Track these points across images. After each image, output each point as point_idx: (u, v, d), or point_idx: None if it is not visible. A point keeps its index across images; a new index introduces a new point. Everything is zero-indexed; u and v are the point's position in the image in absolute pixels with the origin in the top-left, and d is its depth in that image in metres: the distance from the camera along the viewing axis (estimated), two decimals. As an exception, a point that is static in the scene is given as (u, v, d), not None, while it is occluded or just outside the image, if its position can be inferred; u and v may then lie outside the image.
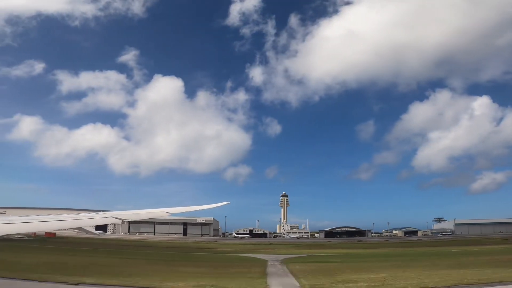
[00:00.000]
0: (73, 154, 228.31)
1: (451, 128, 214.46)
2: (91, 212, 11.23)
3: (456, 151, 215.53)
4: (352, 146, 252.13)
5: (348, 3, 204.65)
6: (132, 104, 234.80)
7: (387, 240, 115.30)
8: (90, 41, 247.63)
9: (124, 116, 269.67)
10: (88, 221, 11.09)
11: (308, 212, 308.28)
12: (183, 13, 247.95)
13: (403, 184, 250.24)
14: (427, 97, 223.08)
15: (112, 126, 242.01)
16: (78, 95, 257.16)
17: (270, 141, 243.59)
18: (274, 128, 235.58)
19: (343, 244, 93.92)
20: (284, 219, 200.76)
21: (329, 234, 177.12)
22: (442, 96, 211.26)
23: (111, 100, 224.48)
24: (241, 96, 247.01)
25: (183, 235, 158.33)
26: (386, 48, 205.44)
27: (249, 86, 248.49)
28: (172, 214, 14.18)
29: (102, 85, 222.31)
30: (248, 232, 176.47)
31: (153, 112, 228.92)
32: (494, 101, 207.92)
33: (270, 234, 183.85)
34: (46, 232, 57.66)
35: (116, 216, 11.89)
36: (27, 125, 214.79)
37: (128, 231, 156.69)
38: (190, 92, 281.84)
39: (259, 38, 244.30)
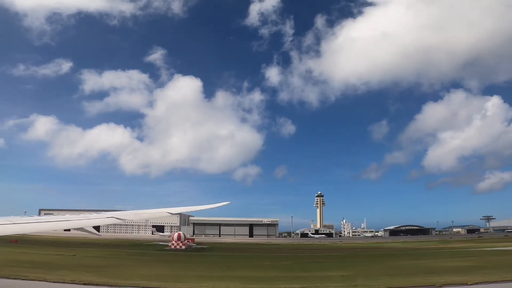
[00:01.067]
0: (85, 155, 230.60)
1: (464, 128, 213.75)
2: (92, 213, 11.45)
3: (467, 150, 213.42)
4: (363, 146, 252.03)
5: (372, 4, 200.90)
6: (150, 104, 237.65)
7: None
8: (122, 41, 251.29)
9: (142, 116, 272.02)
10: (89, 221, 11.32)
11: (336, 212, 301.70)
12: (206, 13, 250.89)
13: (411, 183, 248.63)
14: (441, 98, 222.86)
15: (126, 126, 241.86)
16: (101, 94, 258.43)
17: (283, 142, 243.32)
18: (288, 128, 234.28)
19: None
20: (320, 219, 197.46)
21: (393, 232, 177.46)
22: (457, 97, 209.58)
23: (131, 100, 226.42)
24: (257, 96, 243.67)
25: (249, 236, 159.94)
26: (414, 49, 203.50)
27: (265, 86, 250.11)
28: (172, 214, 14.34)
29: (124, 85, 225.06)
30: (314, 232, 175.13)
31: (169, 112, 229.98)
32: (505, 101, 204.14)
33: (336, 233, 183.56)
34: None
35: (117, 216, 12.10)
36: (42, 125, 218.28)
37: (193, 233, 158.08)
38: (207, 92, 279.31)
39: (277, 39, 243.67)
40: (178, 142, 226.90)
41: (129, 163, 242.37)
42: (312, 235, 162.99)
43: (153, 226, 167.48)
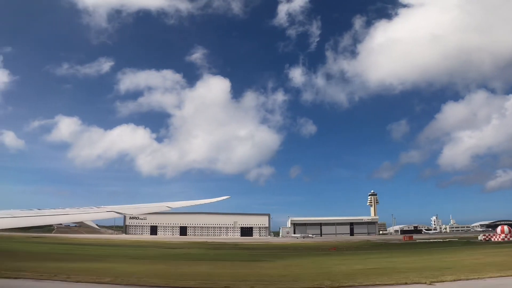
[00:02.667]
0: (104, 156, 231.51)
1: (482, 127, 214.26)
2: (92, 207, 11.44)
3: (481, 149, 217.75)
4: (381, 145, 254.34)
5: (408, 6, 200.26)
6: (178, 104, 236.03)
7: None
8: (171, 40, 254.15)
9: (168, 116, 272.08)
10: (89, 215, 11.31)
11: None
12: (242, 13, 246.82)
13: (423, 182, 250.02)
14: (462, 97, 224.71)
15: (147, 127, 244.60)
16: (135, 94, 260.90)
17: (303, 142, 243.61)
18: (309, 128, 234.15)
19: None
20: (375, 217, 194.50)
21: (491, 227, 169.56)
22: (478, 96, 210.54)
23: (162, 100, 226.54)
24: (280, 96, 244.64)
25: (350, 235, 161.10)
26: (454, 50, 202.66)
27: (289, 87, 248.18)
28: (172, 209, 14.35)
29: (158, 85, 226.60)
30: (412, 229, 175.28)
31: (193, 113, 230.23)
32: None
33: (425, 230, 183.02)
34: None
35: (117, 210, 12.08)
36: (66, 127, 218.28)
37: (294, 233, 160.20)
38: (234, 92, 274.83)
39: (303, 39, 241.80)
40: (198, 143, 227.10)
41: (146, 164, 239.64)
42: (426, 231, 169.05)
43: (241, 228, 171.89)
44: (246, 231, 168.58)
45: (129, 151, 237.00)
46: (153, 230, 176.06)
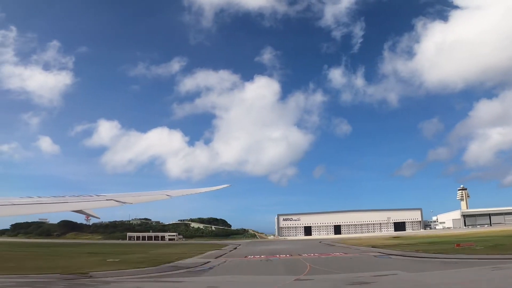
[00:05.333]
0: (136, 160, 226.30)
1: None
2: (92, 195, 11.14)
3: (507, 145, 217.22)
4: (411, 143, 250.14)
5: (458, 8, 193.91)
6: (224, 105, 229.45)
7: None
8: (242, 40, 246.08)
9: (214, 117, 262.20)
10: (89, 203, 10.99)
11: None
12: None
13: (445, 178, 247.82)
14: (496, 95, 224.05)
15: (180, 129, 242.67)
16: (193, 95, 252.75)
17: (338, 142, 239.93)
18: (344, 128, 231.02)
19: None
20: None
21: None
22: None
23: (216, 100, 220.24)
24: (319, 97, 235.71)
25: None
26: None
27: (328, 88, 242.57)
28: (172, 197, 14.11)
29: (214, 85, 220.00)
30: None
31: (234, 115, 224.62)
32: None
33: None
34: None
35: (116, 198, 11.78)
36: (105, 130, 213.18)
37: (465, 225, 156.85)
38: (275, 94, 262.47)
39: (346, 40, 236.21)
40: (231, 145, 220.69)
41: (175, 167, 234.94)
42: None
43: (394, 224, 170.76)
44: (399, 226, 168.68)
45: (161, 154, 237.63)
46: (307, 230, 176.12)
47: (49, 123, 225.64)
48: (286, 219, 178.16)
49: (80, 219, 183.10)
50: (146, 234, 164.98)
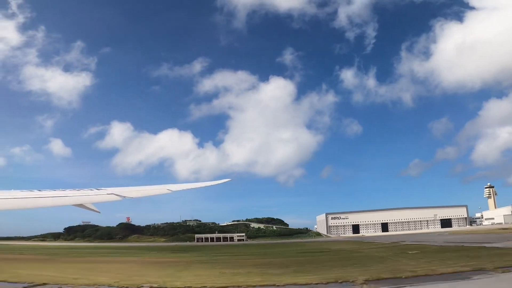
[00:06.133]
0: (146, 162, 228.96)
1: None
2: (92, 189, 11.07)
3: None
4: (419, 143, 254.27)
5: (473, 9, 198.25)
6: (237, 106, 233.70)
7: None
8: (275, 41, 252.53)
9: (228, 118, 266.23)
10: (89, 197, 10.95)
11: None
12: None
13: (452, 178, 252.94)
14: (506, 95, 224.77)
15: (191, 131, 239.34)
16: (211, 96, 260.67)
17: (348, 143, 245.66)
18: (355, 129, 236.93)
19: None
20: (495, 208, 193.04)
21: None
22: None
23: (233, 101, 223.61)
24: (330, 98, 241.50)
25: None
26: None
27: (341, 88, 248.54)
28: (172, 191, 14.07)
29: (231, 86, 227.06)
30: None
31: (247, 115, 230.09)
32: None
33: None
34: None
35: (117, 193, 11.75)
36: (118, 132, 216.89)
37: None
38: (288, 95, 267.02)
39: (359, 41, 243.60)
40: (241, 147, 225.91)
41: (183, 169, 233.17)
42: None
43: (440, 221, 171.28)
44: (445, 223, 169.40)
45: (171, 156, 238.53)
46: (355, 228, 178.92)
47: (63, 125, 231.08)
48: (334, 218, 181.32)
49: (137, 221, 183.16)
50: (214, 235, 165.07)
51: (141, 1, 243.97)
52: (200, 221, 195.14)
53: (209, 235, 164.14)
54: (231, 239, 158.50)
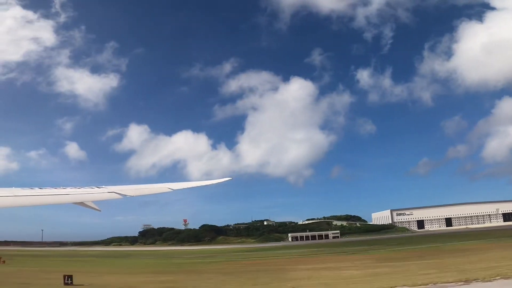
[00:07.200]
0: (159, 164, 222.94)
1: None
2: (93, 187, 10.90)
3: None
4: (430, 142, 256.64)
5: (494, 9, 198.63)
6: (255, 107, 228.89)
7: None
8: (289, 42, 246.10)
9: (243, 119, 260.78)
10: (90, 195, 10.74)
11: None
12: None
13: (458, 176, 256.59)
14: None
15: (205, 132, 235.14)
16: (236, 97, 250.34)
17: (361, 142, 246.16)
18: (368, 128, 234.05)
19: None
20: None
21: None
22: None
23: (255, 102, 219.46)
24: (346, 98, 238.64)
25: None
26: None
27: (357, 88, 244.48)
28: (173, 190, 13.89)
29: (255, 87, 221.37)
30: None
31: (264, 116, 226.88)
32: None
33: None
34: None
35: (118, 191, 11.52)
36: (135, 135, 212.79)
37: None
38: (307, 95, 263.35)
39: (375, 41, 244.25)
40: (254, 147, 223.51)
41: (195, 170, 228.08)
42: None
43: (503, 215, 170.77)
44: (508, 217, 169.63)
45: (184, 158, 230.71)
46: (420, 224, 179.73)
47: (81, 128, 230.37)
48: (399, 214, 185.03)
49: (212, 220, 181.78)
50: (310, 233, 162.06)
51: (179, 2, 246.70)
52: (274, 221, 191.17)
53: (304, 234, 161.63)
54: (326, 236, 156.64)
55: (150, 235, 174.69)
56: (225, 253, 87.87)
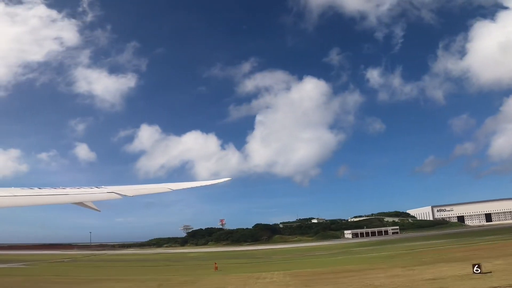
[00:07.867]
0: (167, 165, 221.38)
1: None
2: (92, 187, 10.86)
3: None
4: (436, 140, 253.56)
5: (507, 8, 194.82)
6: (266, 107, 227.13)
7: None
8: (309, 43, 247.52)
9: (253, 120, 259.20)
10: (89, 195, 10.70)
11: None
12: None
13: (467, 173, 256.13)
14: None
15: (214, 133, 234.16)
16: (250, 96, 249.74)
17: (370, 141, 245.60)
18: (377, 127, 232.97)
19: None
20: None
21: None
22: None
23: (268, 102, 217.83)
24: (356, 97, 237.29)
25: None
26: None
27: (367, 88, 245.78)
28: (173, 190, 13.85)
29: (269, 86, 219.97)
30: None
31: (275, 116, 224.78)
32: None
33: None
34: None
35: (117, 191, 11.49)
36: (146, 135, 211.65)
37: None
38: (319, 95, 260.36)
39: (386, 40, 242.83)
40: (263, 147, 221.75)
41: (203, 170, 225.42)
42: None
43: None
44: None
45: (192, 158, 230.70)
46: (460, 219, 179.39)
47: (92, 129, 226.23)
48: (440, 210, 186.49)
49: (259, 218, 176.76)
50: (369, 230, 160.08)
51: (202, 3, 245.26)
52: (314, 217, 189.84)
53: (358, 231, 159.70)
54: (386, 232, 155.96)
55: (199, 236, 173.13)
56: (339, 249, 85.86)
